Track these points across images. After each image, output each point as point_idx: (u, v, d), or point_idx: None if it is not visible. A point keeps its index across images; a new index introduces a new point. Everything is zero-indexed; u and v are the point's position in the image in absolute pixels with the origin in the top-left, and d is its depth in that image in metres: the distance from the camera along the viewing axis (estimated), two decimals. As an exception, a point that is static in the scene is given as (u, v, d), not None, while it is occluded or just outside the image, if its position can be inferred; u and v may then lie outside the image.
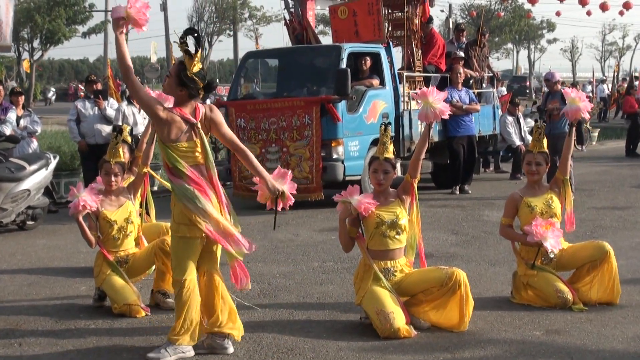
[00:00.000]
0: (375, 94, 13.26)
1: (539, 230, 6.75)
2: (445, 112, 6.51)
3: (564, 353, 5.67)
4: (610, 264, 6.87)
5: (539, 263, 6.94)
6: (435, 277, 6.24)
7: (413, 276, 6.37)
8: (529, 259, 6.99)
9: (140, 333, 6.31)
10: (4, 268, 8.89)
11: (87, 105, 12.92)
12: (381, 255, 6.35)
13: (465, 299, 6.13)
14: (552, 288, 6.79)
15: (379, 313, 6.06)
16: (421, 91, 6.64)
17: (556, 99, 13.72)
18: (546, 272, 6.91)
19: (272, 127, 12.51)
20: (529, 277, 6.95)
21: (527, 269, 6.96)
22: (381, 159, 6.40)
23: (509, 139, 16.77)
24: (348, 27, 14.28)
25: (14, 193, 10.58)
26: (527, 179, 7.30)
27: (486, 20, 50.55)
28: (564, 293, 6.76)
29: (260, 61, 16.02)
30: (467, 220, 11.38)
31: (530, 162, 7.14)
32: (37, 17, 41.32)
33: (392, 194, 6.49)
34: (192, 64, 5.50)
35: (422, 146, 6.52)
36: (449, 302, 6.18)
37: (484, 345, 5.88)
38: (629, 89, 24.37)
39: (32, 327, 6.54)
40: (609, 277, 6.86)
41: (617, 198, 13.34)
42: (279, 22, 53.21)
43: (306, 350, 5.82)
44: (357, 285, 6.38)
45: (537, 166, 7.11)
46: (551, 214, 6.98)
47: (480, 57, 16.52)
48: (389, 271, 6.34)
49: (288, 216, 11.56)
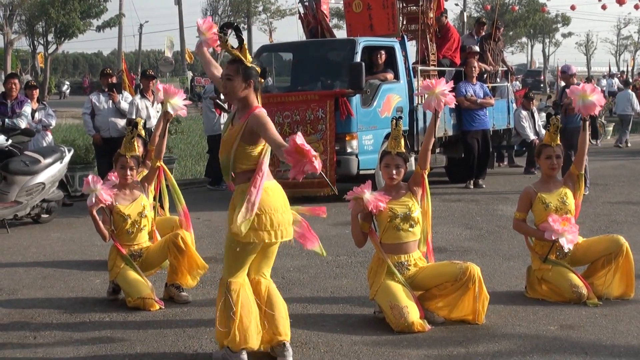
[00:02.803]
0: (390, 88, 13.23)
1: (556, 227, 6.71)
2: (451, 102, 6.51)
3: (578, 348, 5.65)
4: (627, 257, 6.83)
5: (553, 257, 6.92)
6: (449, 271, 6.23)
7: (427, 270, 6.36)
8: (542, 253, 6.96)
9: (154, 326, 6.32)
10: (19, 261, 8.93)
11: (101, 98, 12.94)
12: (395, 249, 6.34)
13: (479, 294, 6.12)
14: (567, 283, 6.77)
15: (393, 307, 6.05)
16: (425, 83, 6.63)
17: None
18: (561, 267, 6.88)
19: (285, 121, 12.49)
20: (543, 271, 6.93)
21: (541, 263, 6.94)
22: (393, 154, 6.39)
23: (523, 133, 16.74)
24: (362, 21, 14.25)
25: (29, 186, 10.62)
26: (543, 173, 7.24)
27: (500, 14, 50.30)
28: (578, 288, 6.73)
29: (274, 55, 15.98)
30: (481, 214, 11.35)
31: (551, 155, 7.06)
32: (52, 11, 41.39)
33: (404, 186, 6.48)
34: (246, 54, 5.42)
35: (430, 137, 6.51)
36: (463, 297, 6.17)
37: (498, 340, 5.87)
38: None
39: (47, 320, 6.57)
40: (625, 270, 6.83)
41: (633, 193, 13.28)
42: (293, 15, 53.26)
43: (320, 344, 5.83)
44: (371, 280, 6.38)
45: (557, 159, 7.06)
46: (565, 211, 6.94)
47: (494, 51, 16.46)
48: (403, 265, 6.33)
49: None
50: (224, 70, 5.46)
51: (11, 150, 11.13)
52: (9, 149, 11.12)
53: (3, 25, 44.31)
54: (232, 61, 5.40)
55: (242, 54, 5.39)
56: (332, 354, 5.64)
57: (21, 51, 55.93)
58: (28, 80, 22.18)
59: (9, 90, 12.34)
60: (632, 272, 6.87)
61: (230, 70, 5.38)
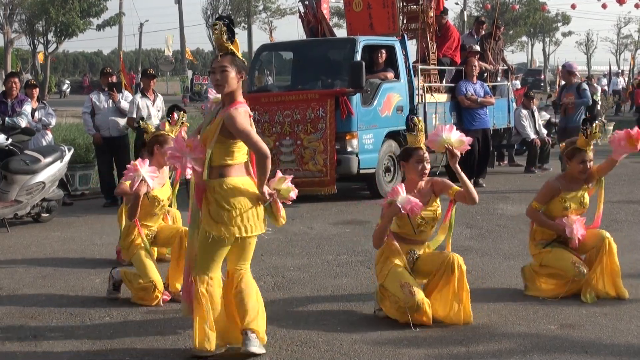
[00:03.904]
0: (390, 87, 13.23)
1: (576, 227, 6.88)
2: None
3: (578, 347, 5.65)
4: (610, 253, 6.89)
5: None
6: (437, 258, 6.30)
7: (423, 255, 6.43)
8: (542, 239, 7.03)
9: (153, 325, 6.32)
10: (19, 260, 8.93)
11: (101, 97, 12.92)
12: (409, 242, 6.38)
13: (460, 283, 6.14)
14: (568, 261, 6.82)
15: (404, 286, 6.06)
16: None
17: (571, 91, 13.63)
18: (559, 248, 6.95)
19: (286, 120, 12.49)
20: (543, 255, 6.98)
21: (540, 248, 6.99)
22: (424, 148, 6.38)
23: (523, 132, 16.72)
24: (363, 20, 14.26)
25: (29, 185, 10.62)
26: (570, 173, 7.16)
27: (501, 13, 50.28)
28: (580, 264, 6.80)
29: (274, 54, 15.99)
30: (482, 213, 11.34)
31: (584, 160, 7.02)
32: (52, 10, 41.44)
33: (427, 189, 6.46)
34: (237, 48, 5.44)
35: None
36: (447, 286, 6.18)
37: (498, 339, 5.87)
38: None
39: (47, 319, 6.57)
40: (609, 268, 6.88)
41: (633, 192, 13.27)
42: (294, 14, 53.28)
43: (320, 343, 5.82)
44: (380, 266, 6.35)
45: (589, 163, 7.06)
46: (581, 212, 7.07)
47: (495, 50, 16.47)
48: (414, 253, 6.38)
49: (302, 209, 11.56)
50: (216, 63, 5.43)
51: (11, 149, 11.13)
52: (9, 148, 11.12)
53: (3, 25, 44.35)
54: (225, 54, 5.41)
55: (234, 47, 5.41)
56: (333, 352, 5.64)
57: (21, 50, 55.99)
58: (28, 79, 22.19)
59: (9, 89, 12.34)
60: (616, 268, 6.89)
61: (225, 61, 5.38)
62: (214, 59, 5.54)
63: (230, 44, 5.40)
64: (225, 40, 5.38)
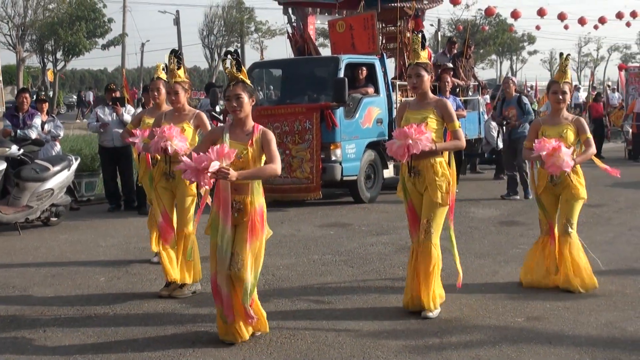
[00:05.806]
0: (370, 101, 13.26)
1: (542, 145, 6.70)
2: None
3: (543, 338, 5.68)
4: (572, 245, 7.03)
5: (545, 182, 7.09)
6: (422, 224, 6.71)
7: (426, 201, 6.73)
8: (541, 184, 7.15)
9: (155, 320, 6.31)
10: (30, 261, 8.89)
11: (106, 111, 12.88)
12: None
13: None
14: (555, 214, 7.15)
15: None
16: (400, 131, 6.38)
17: (512, 105, 13.22)
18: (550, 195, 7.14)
19: (276, 132, 12.48)
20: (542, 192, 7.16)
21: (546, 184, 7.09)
22: (413, 64, 6.37)
23: (492, 142, 16.76)
24: (345, 40, 14.30)
25: (39, 192, 10.59)
26: (551, 107, 7.13)
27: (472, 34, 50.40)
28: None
29: (265, 71, 15.99)
30: (455, 217, 11.32)
31: (557, 91, 6.98)
32: (60, 31, 41.41)
33: (432, 100, 6.44)
34: (246, 76, 5.68)
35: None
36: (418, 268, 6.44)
37: (470, 331, 5.89)
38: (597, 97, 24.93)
39: (56, 315, 6.55)
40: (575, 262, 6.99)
41: (592, 197, 13.12)
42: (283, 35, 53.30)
43: (307, 336, 5.83)
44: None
45: (564, 94, 6.97)
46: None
47: (466, 67, 16.51)
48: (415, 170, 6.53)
49: (290, 213, 11.56)
50: (230, 91, 5.59)
51: (23, 159, 11.08)
52: (21, 157, 11.07)
53: (16, 44, 44.25)
54: (236, 82, 5.60)
55: (243, 75, 5.62)
56: (318, 344, 5.64)
57: (32, 68, 55.83)
58: (38, 94, 22.10)
59: (20, 104, 12.30)
60: (579, 261, 7.00)
61: (238, 89, 5.58)
62: (226, 87, 5.72)
63: (240, 73, 5.60)
64: (235, 71, 5.59)
